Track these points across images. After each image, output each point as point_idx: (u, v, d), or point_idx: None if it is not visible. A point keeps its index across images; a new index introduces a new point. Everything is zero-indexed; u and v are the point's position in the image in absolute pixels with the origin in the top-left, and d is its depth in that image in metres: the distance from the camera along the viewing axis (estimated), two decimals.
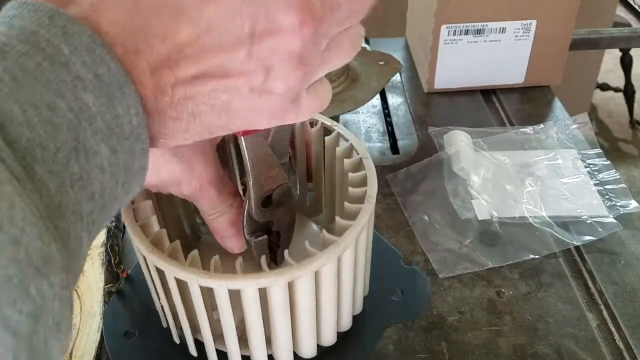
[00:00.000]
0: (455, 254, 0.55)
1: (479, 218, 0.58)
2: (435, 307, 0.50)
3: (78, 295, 0.51)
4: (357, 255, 0.36)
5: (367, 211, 0.34)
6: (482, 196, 0.61)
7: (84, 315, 0.48)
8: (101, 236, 0.56)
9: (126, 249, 0.55)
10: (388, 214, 0.60)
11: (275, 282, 0.31)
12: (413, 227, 0.58)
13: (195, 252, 0.32)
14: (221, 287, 0.31)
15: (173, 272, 0.31)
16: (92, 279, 0.52)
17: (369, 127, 0.76)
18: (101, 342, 0.46)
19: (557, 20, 0.75)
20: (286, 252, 0.33)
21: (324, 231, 0.34)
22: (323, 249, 0.32)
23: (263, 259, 0.33)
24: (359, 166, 0.38)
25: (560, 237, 0.56)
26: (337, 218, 0.34)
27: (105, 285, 0.50)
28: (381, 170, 0.65)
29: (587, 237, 0.56)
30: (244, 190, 0.44)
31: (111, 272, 0.52)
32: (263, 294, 0.32)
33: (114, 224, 0.58)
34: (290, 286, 0.32)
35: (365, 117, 0.78)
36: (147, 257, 0.33)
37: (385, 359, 0.46)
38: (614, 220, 0.58)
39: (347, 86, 0.66)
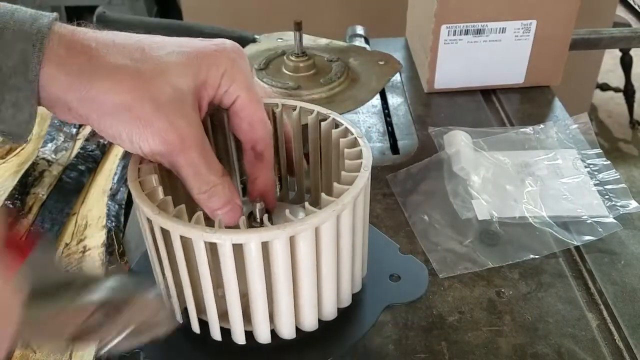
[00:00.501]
0: (455, 254, 0.55)
1: (479, 218, 0.58)
2: (435, 307, 0.50)
3: None
4: (355, 221, 0.37)
5: (364, 177, 0.36)
6: (482, 196, 0.61)
7: None
8: (101, 236, 0.56)
9: (127, 249, 0.56)
10: (388, 214, 0.60)
11: (277, 236, 0.32)
12: (413, 227, 0.58)
13: (199, 213, 0.34)
14: (226, 241, 0.32)
15: (178, 230, 0.33)
16: None
17: (369, 127, 0.76)
18: None
19: (557, 20, 0.75)
20: (287, 210, 0.34)
21: (323, 194, 0.35)
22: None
23: (265, 218, 0.34)
24: (354, 144, 0.39)
25: (560, 237, 0.56)
26: (335, 184, 0.36)
27: (110, 267, 0.51)
28: (381, 170, 0.65)
29: (587, 237, 0.56)
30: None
31: (114, 260, 0.52)
32: (265, 257, 0.33)
33: (113, 224, 0.58)
34: (292, 244, 0.34)
35: (365, 117, 0.78)
36: (153, 219, 0.34)
37: (385, 358, 0.46)
38: (614, 220, 0.58)
39: (347, 86, 0.66)
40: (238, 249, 0.33)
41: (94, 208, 0.61)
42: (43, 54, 0.31)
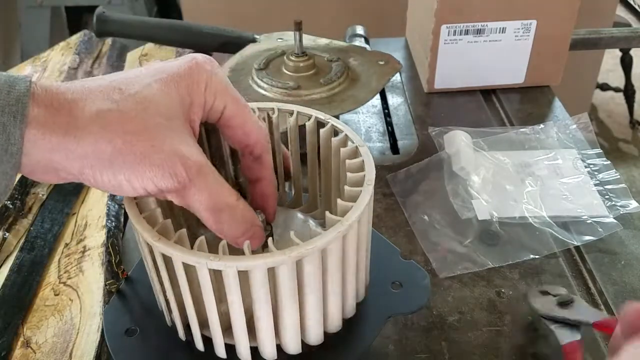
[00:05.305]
0: (455, 253, 0.55)
1: (479, 218, 0.58)
2: (435, 307, 0.50)
3: (78, 295, 0.51)
4: (360, 237, 0.36)
5: (368, 193, 0.35)
6: (482, 196, 0.61)
7: (84, 315, 0.48)
8: (101, 236, 0.56)
9: (127, 248, 0.56)
10: (388, 214, 0.60)
11: (283, 261, 0.32)
12: (413, 227, 0.58)
13: (202, 237, 0.33)
14: (230, 268, 0.31)
15: (181, 257, 0.32)
16: (92, 279, 0.52)
17: (369, 127, 0.76)
18: (101, 342, 0.46)
19: (557, 20, 0.75)
20: (292, 232, 0.33)
21: (327, 212, 0.34)
22: (327, 229, 0.33)
23: (270, 241, 0.33)
24: (355, 154, 0.39)
25: (560, 237, 0.56)
26: (339, 200, 0.35)
27: (106, 282, 0.50)
28: (381, 170, 0.65)
29: (587, 237, 0.56)
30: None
31: (111, 271, 0.52)
32: (271, 278, 0.33)
33: (113, 224, 0.58)
34: (298, 266, 0.33)
35: (365, 117, 0.78)
36: (153, 245, 0.33)
37: (385, 359, 0.46)
38: (614, 220, 0.58)
39: (347, 86, 0.66)
40: (243, 271, 0.32)
41: (94, 208, 0.61)
42: (25, 124, 0.29)
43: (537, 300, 0.48)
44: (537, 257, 0.54)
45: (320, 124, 0.42)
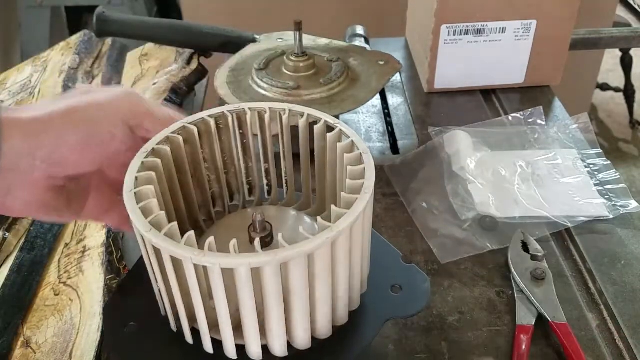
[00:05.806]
0: (455, 239, 0.56)
1: (476, 201, 0.59)
2: (435, 307, 0.50)
3: (78, 295, 0.51)
4: (352, 245, 0.36)
5: (363, 200, 0.35)
6: (478, 180, 0.62)
7: (84, 315, 0.48)
8: (101, 236, 0.56)
9: (127, 248, 0.56)
10: (388, 214, 0.60)
11: (267, 263, 0.32)
12: (412, 215, 0.59)
13: (191, 232, 0.33)
14: (214, 265, 0.32)
15: (168, 250, 0.32)
16: (92, 278, 0.52)
17: (369, 127, 0.76)
18: (101, 342, 0.46)
19: (557, 20, 0.75)
20: (280, 235, 0.33)
21: (319, 218, 0.34)
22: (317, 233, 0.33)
23: (257, 242, 0.33)
24: (358, 161, 0.39)
25: (555, 220, 0.57)
26: (333, 207, 0.35)
27: (107, 277, 0.51)
28: (381, 170, 0.65)
29: (581, 218, 0.58)
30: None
31: (111, 269, 0.52)
32: (258, 278, 0.33)
33: None
34: (283, 270, 0.33)
35: (365, 117, 0.78)
36: (145, 237, 0.33)
37: (385, 359, 0.46)
38: (604, 201, 0.59)
39: (347, 86, 0.66)
40: (229, 269, 0.32)
41: None
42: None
43: (515, 255, 0.53)
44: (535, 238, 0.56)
45: (329, 129, 0.41)
